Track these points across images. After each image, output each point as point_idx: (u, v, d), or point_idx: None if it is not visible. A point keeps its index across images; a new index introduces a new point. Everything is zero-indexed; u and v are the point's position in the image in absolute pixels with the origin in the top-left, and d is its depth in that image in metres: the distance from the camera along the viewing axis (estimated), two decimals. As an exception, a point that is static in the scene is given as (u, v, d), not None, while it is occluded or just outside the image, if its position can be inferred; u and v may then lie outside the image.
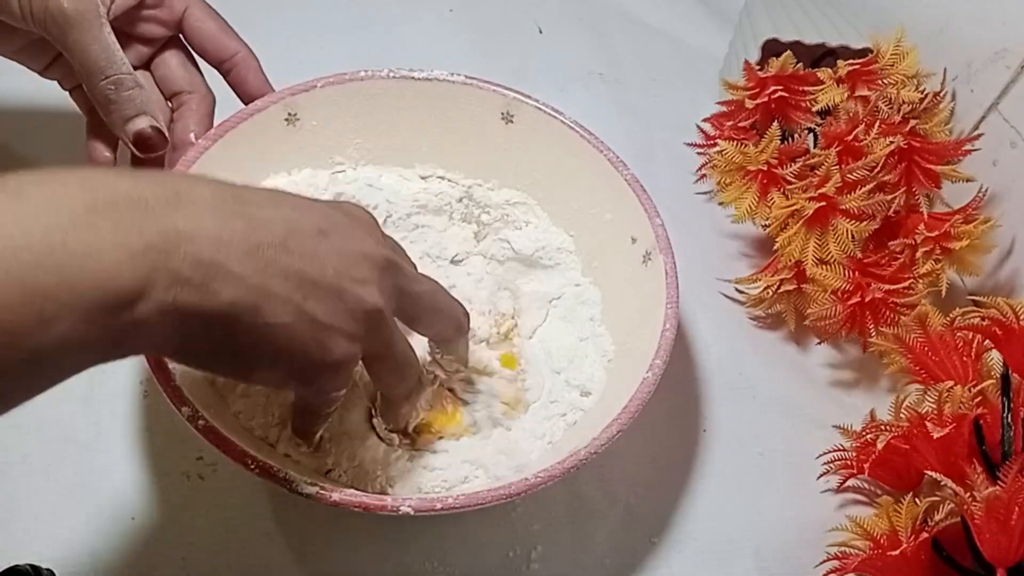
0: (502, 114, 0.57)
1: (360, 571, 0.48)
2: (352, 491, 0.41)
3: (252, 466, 0.40)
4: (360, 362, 0.40)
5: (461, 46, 0.75)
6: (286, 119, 0.54)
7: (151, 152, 0.49)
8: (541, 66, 0.75)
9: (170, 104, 0.53)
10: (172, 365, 0.43)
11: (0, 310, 0.27)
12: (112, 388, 0.52)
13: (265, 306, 0.33)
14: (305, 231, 0.35)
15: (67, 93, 0.53)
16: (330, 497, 0.40)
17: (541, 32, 0.78)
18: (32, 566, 0.43)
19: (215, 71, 0.55)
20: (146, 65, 0.53)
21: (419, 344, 0.47)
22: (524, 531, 0.50)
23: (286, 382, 0.38)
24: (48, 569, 0.43)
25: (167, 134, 0.50)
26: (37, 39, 0.48)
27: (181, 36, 0.53)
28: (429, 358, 0.49)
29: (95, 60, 0.47)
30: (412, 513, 0.40)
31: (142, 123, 0.49)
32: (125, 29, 0.50)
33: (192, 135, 0.51)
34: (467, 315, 0.47)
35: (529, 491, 0.41)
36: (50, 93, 0.54)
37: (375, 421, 0.47)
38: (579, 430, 0.48)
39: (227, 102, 0.54)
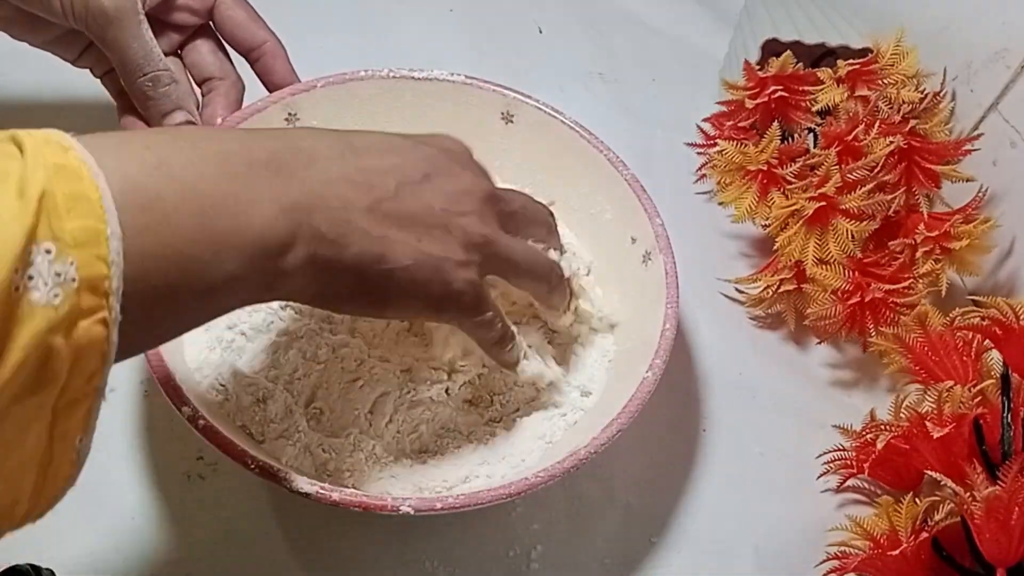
0: (502, 114, 0.57)
1: (360, 571, 0.48)
2: (352, 491, 0.41)
3: (252, 466, 0.40)
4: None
5: (461, 46, 0.75)
6: (286, 119, 0.54)
7: None
8: (541, 66, 0.75)
9: (200, 89, 0.54)
10: (172, 365, 0.43)
11: (187, 244, 0.30)
12: (112, 388, 0.52)
13: (387, 253, 0.38)
14: (413, 178, 0.40)
15: (85, 80, 0.54)
16: (330, 497, 0.40)
17: (541, 32, 0.78)
18: (32, 566, 0.42)
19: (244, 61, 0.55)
20: (177, 51, 0.54)
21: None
22: (524, 531, 0.50)
23: (420, 313, 0.42)
24: (48, 569, 0.43)
25: (228, 115, 0.52)
26: (69, 30, 0.49)
27: (212, 24, 0.54)
28: None
29: (133, 57, 0.49)
30: (412, 513, 0.40)
31: (179, 118, 0.50)
32: (159, 17, 0.52)
33: (219, 120, 0.53)
34: (551, 213, 0.50)
35: (529, 491, 0.41)
36: (77, 83, 0.55)
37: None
38: (579, 430, 0.48)
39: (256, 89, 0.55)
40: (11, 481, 0.26)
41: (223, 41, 0.55)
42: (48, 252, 0.25)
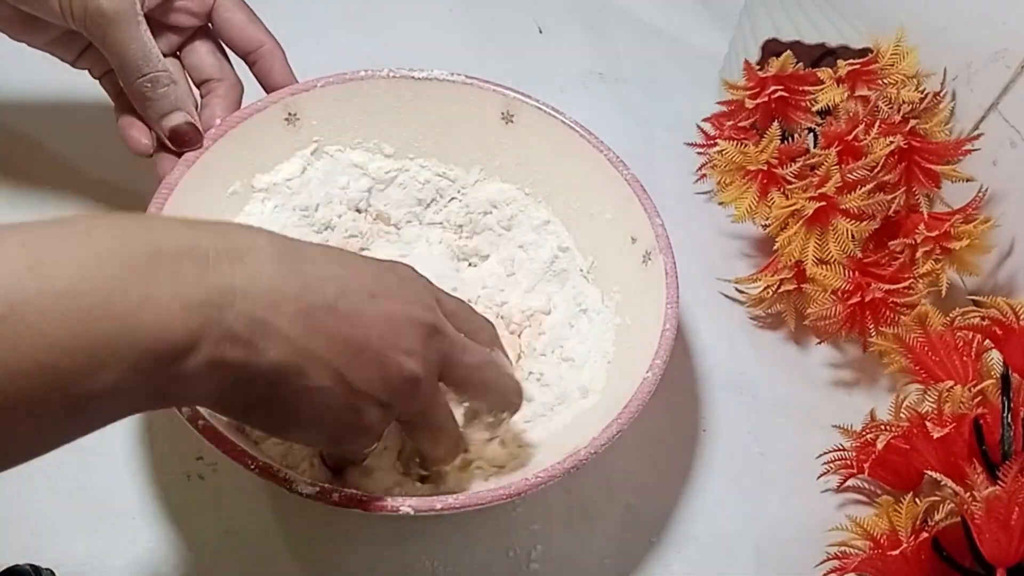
0: (502, 114, 0.57)
1: (360, 571, 0.48)
2: (352, 491, 0.41)
3: (252, 466, 0.40)
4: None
5: (461, 46, 0.75)
6: (286, 119, 0.54)
7: (186, 146, 0.51)
8: (541, 66, 0.75)
9: (199, 90, 0.54)
10: None
11: (55, 353, 0.27)
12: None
13: (308, 368, 0.34)
14: (356, 292, 0.36)
15: (84, 81, 0.54)
16: (330, 497, 0.40)
17: (541, 32, 0.78)
18: (32, 566, 0.42)
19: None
20: (175, 52, 0.54)
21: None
22: (524, 531, 0.50)
23: (319, 442, 0.40)
24: (48, 569, 0.43)
25: (201, 129, 0.51)
26: (68, 31, 0.49)
27: (211, 26, 0.54)
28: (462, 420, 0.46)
29: (132, 59, 0.48)
30: (412, 513, 0.40)
31: (177, 119, 0.50)
32: (158, 18, 0.52)
33: (217, 122, 0.52)
34: (519, 393, 0.46)
35: (529, 491, 0.41)
36: (76, 84, 0.55)
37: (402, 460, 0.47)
38: (579, 430, 0.48)
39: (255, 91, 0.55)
40: None
41: (222, 43, 0.55)
42: None
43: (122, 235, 0.30)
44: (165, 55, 0.51)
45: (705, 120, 0.67)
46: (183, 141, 0.50)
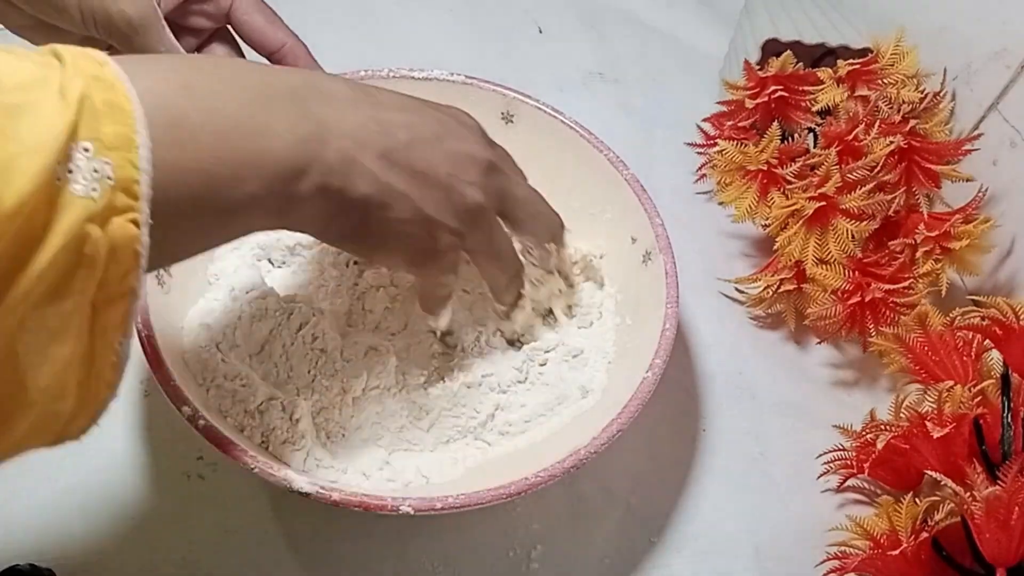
0: (502, 114, 0.57)
1: (360, 571, 0.48)
2: (352, 490, 0.41)
3: (252, 466, 0.40)
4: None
5: (461, 46, 0.75)
6: None
7: None
8: (541, 66, 0.75)
9: None
10: (170, 364, 0.43)
11: (211, 162, 0.32)
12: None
13: (390, 201, 0.39)
14: (425, 136, 0.41)
15: None
16: (330, 497, 0.40)
17: (541, 32, 0.78)
18: (32, 566, 0.43)
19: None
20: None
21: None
22: (524, 531, 0.50)
23: (401, 264, 0.44)
24: (48, 569, 0.43)
25: None
26: (87, 38, 0.49)
27: (230, 27, 0.54)
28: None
29: None
30: (412, 512, 0.40)
31: None
32: (176, 21, 0.52)
33: None
34: (563, 226, 0.51)
35: (529, 491, 0.41)
36: None
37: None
38: (579, 430, 0.48)
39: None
40: (57, 371, 0.28)
41: (243, 44, 0.55)
42: (87, 150, 0.27)
43: (244, 72, 0.35)
44: None
45: (705, 120, 0.67)
46: None
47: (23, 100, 0.26)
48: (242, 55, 0.55)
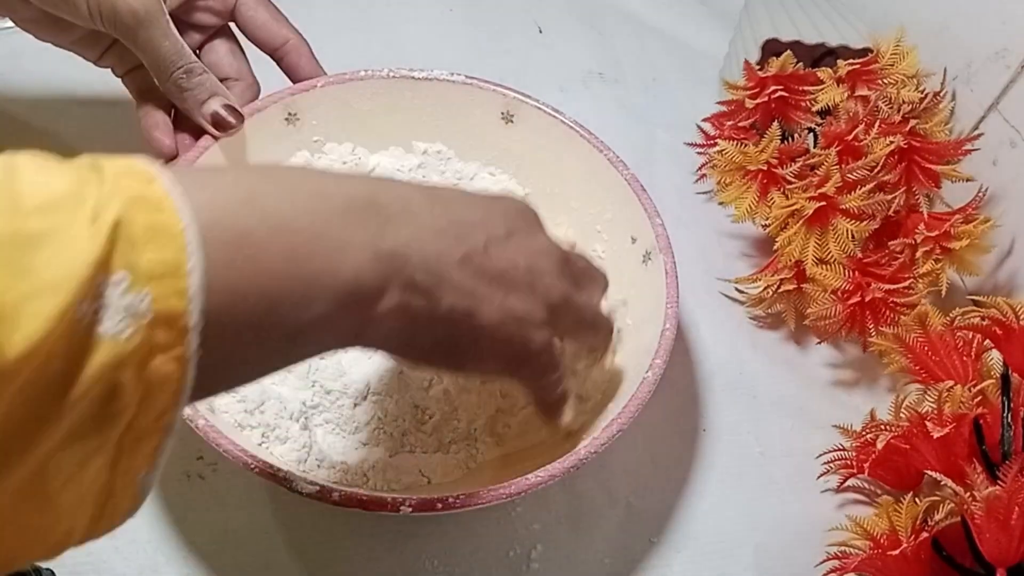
0: (502, 114, 0.57)
1: (360, 570, 0.48)
2: (352, 490, 0.41)
3: (252, 466, 0.40)
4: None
5: (461, 46, 0.75)
6: (286, 119, 0.54)
7: (228, 130, 0.51)
8: (541, 66, 0.75)
9: None
10: None
11: (276, 282, 0.29)
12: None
13: (477, 308, 0.37)
14: (498, 234, 0.39)
15: (87, 80, 0.56)
16: (330, 496, 0.40)
17: (541, 32, 0.78)
18: (32, 566, 0.42)
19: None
20: (195, 51, 0.54)
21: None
22: (524, 531, 0.50)
23: (497, 371, 0.41)
24: (48, 569, 0.43)
25: (240, 110, 0.52)
26: (92, 31, 0.50)
27: (233, 24, 0.55)
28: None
29: (166, 55, 0.49)
30: (412, 512, 0.40)
31: (216, 104, 0.51)
32: (180, 17, 0.52)
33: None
34: (612, 332, 0.48)
35: (529, 491, 0.41)
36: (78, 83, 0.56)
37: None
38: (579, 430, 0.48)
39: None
40: (67, 514, 0.26)
41: (244, 42, 0.56)
42: (120, 283, 0.24)
43: (319, 182, 0.33)
44: None
45: (705, 120, 0.67)
46: (225, 124, 0.51)
47: (45, 226, 0.23)
48: (243, 55, 0.55)
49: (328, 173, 0.34)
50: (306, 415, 0.47)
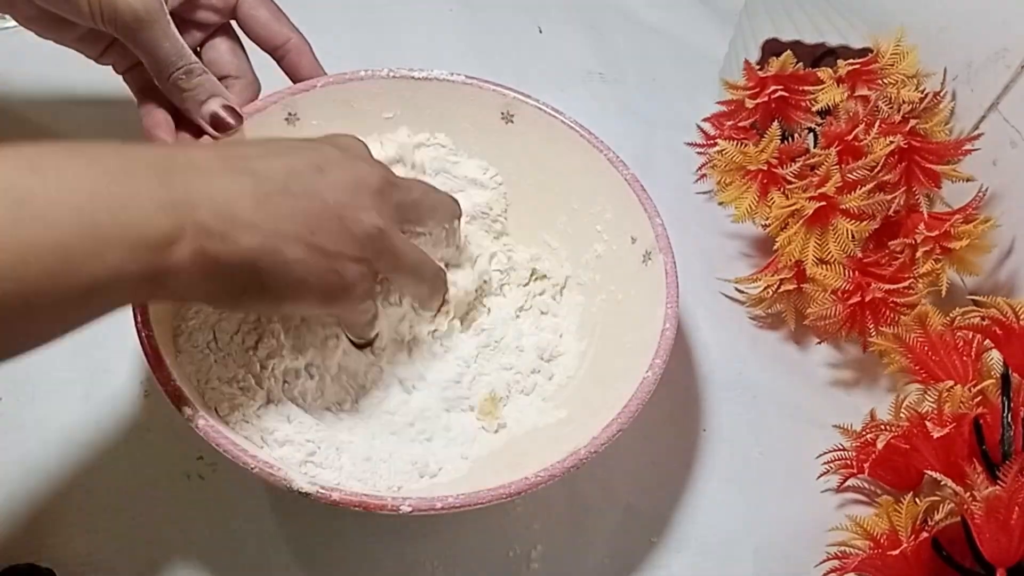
0: (502, 114, 0.57)
1: (359, 570, 0.48)
2: (352, 490, 0.41)
3: (252, 466, 0.40)
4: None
5: (461, 46, 0.75)
6: (286, 119, 0.54)
7: (227, 130, 0.52)
8: (541, 66, 0.75)
9: None
10: (170, 365, 0.43)
11: (65, 235, 0.32)
12: (112, 388, 0.52)
13: (281, 246, 0.38)
14: (303, 171, 0.40)
15: (88, 78, 0.56)
16: (330, 496, 0.40)
17: (541, 32, 0.78)
18: (32, 566, 0.43)
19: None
20: (196, 49, 0.54)
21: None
22: (524, 531, 0.50)
23: (314, 306, 0.42)
24: (48, 569, 0.43)
25: (240, 111, 0.52)
26: (93, 29, 0.50)
27: (234, 23, 0.55)
28: None
29: (166, 55, 0.50)
30: (412, 512, 0.40)
31: (215, 105, 0.51)
32: (182, 15, 0.52)
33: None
34: (456, 202, 0.51)
35: (529, 491, 0.41)
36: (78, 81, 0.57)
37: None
38: (579, 430, 0.48)
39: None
40: None
41: (245, 40, 0.56)
42: None
43: (101, 150, 0.35)
44: None
45: (705, 120, 0.67)
46: (224, 125, 0.51)
47: None
48: (244, 54, 0.55)
49: (115, 144, 0.36)
50: (304, 417, 0.47)
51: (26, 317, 0.31)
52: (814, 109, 0.62)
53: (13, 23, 0.51)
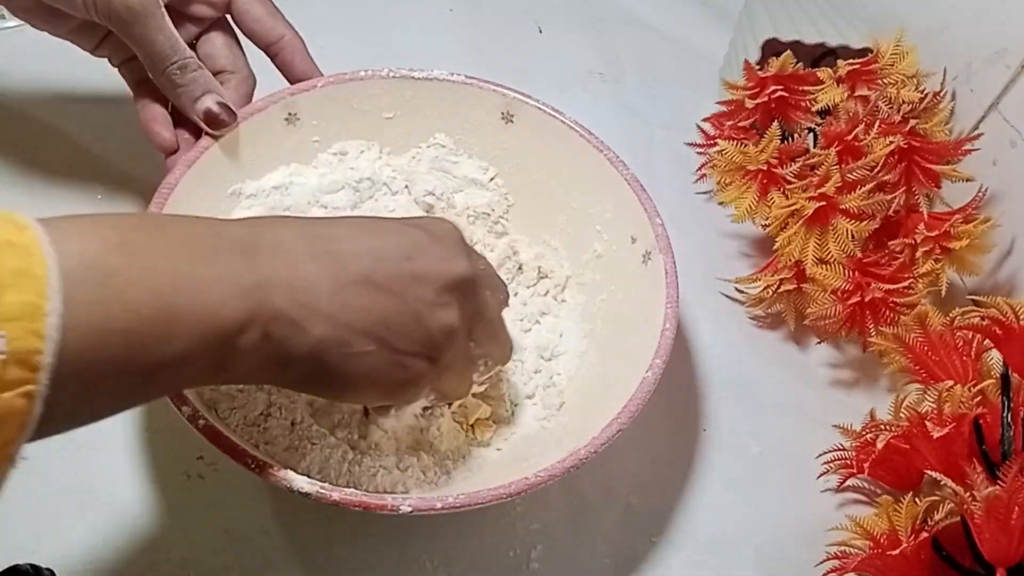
0: (502, 114, 0.57)
1: (360, 570, 0.48)
2: (352, 490, 0.41)
3: (252, 466, 0.40)
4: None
5: (461, 46, 0.75)
6: (286, 119, 0.54)
7: (221, 127, 0.51)
8: (541, 66, 0.75)
9: None
10: None
11: (137, 319, 0.31)
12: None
13: (350, 339, 0.37)
14: (390, 259, 0.38)
15: (86, 79, 0.57)
16: (330, 497, 0.40)
17: (541, 32, 0.78)
18: (32, 566, 0.42)
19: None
20: (191, 43, 0.54)
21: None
22: (524, 531, 0.50)
23: (375, 399, 0.42)
24: (48, 569, 0.43)
25: (234, 108, 0.52)
26: (88, 21, 0.50)
27: (229, 18, 0.55)
28: None
29: (160, 50, 0.49)
30: (412, 512, 0.40)
31: (209, 101, 0.51)
32: (178, 8, 0.52)
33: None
34: (512, 349, 0.48)
35: (529, 491, 0.41)
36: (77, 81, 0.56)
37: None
38: (579, 430, 0.48)
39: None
40: None
41: (239, 35, 0.55)
42: None
43: (190, 226, 0.35)
44: None
45: (705, 120, 0.67)
46: (218, 122, 0.51)
47: None
48: (240, 48, 0.55)
49: (208, 219, 0.36)
50: (306, 418, 0.47)
51: (83, 391, 0.30)
52: (814, 109, 0.62)
53: (15, 22, 0.51)
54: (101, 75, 0.55)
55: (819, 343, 0.60)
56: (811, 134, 0.62)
